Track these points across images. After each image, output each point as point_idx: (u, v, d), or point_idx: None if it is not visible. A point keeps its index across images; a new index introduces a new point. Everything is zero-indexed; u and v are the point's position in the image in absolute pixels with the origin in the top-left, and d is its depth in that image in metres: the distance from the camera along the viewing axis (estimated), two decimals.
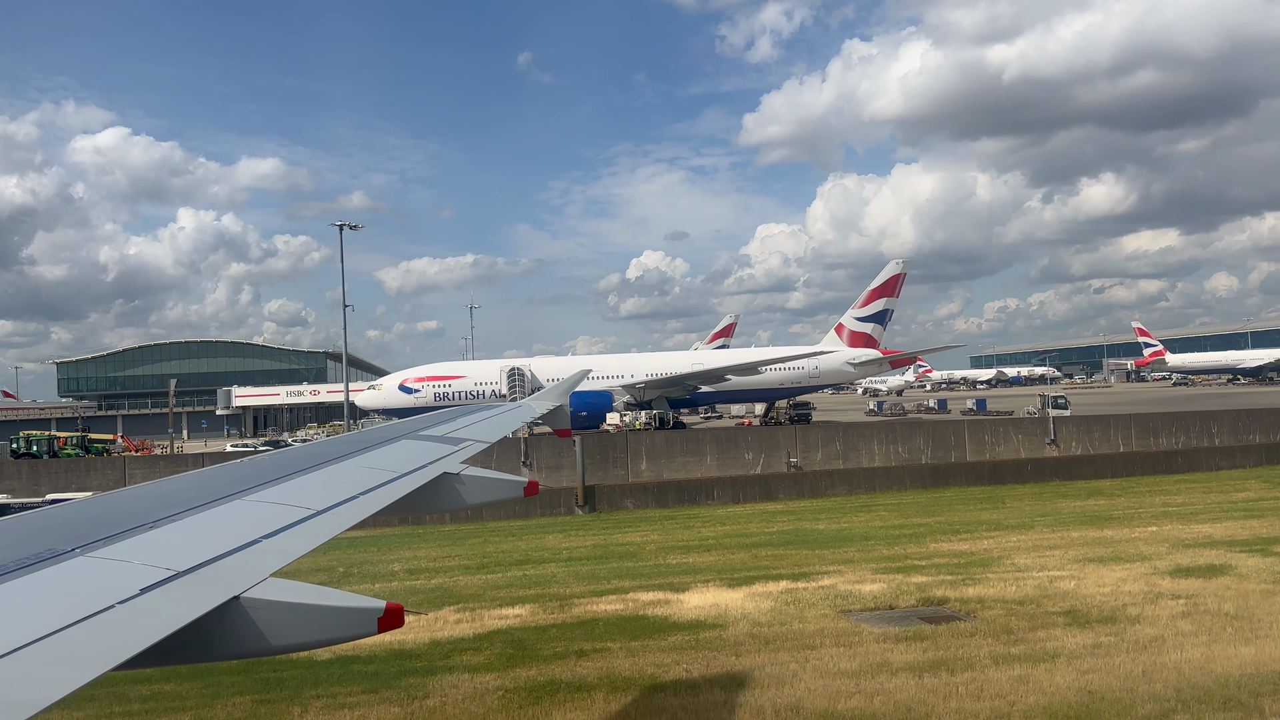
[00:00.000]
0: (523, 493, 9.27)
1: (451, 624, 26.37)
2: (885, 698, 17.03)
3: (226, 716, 18.20)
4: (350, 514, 6.60)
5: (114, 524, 5.41)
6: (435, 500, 8.54)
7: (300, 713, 18.09)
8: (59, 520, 5.82)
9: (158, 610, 4.15)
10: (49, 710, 3.13)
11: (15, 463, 70.81)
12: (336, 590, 4.94)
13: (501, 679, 19.84)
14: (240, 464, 8.61)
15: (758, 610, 25.41)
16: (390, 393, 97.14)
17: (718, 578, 31.05)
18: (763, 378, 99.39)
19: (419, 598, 31.05)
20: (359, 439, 10.46)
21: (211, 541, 5.30)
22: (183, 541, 5.34)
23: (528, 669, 20.59)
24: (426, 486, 8.21)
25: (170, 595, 4.36)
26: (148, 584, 4.39)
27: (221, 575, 4.77)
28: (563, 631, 24.43)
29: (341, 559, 42.67)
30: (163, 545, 5.16)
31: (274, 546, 5.47)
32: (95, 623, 3.84)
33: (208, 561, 4.91)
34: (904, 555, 34.31)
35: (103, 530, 5.22)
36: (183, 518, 5.85)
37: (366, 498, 7.14)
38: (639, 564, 36.49)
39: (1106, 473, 60.11)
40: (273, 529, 5.79)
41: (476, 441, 10.63)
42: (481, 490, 8.86)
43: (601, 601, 28.21)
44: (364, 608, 4.84)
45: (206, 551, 5.06)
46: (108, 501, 6.87)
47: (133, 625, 3.92)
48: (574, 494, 60.98)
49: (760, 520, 49.02)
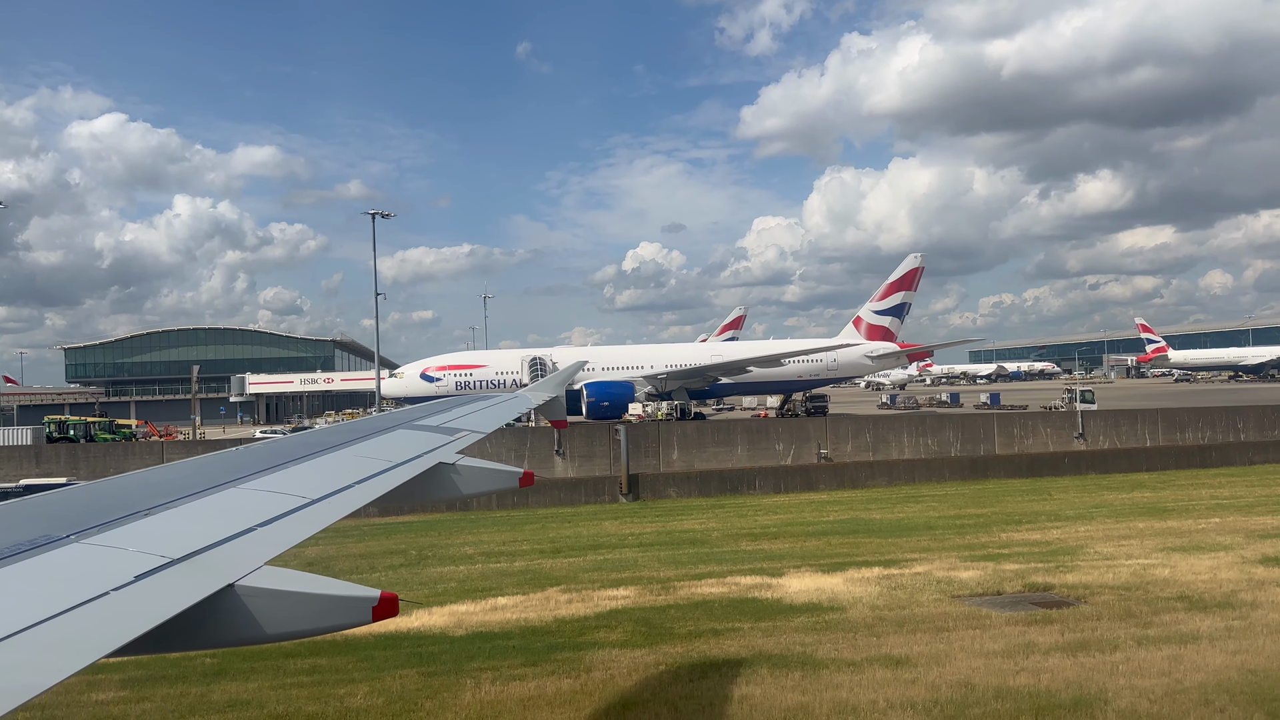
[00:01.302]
0: (518, 483, 9.30)
1: (564, 604, 26.90)
2: (1052, 675, 17.66)
3: (400, 688, 18.69)
4: (345, 503, 6.55)
5: (109, 511, 5.40)
6: (430, 490, 8.51)
7: (473, 685, 18.60)
8: (54, 507, 5.80)
9: (152, 597, 4.14)
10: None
11: (53, 446, 70.87)
12: (331, 579, 4.94)
13: (653, 654, 20.39)
14: (235, 452, 8.63)
15: (866, 595, 26.00)
16: (412, 381, 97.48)
17: (805, 564, 31.63)
18: (782, 370, 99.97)
19: (513, 579, 31.60)
20: (354, 428, 10.48)
21: (206, 529, 5.29)
22: (178, 529, 5.32)
23: (672, 646, 21.14)
24: (422, 476, 8.17)
25: (165, 582, 4.36)
26: (142, 571, 4.38)
27: (216, 563, 4.76)
28: (681, 612, 24.96)
29: (410, 542, 43.26)
30: (158, 532, 5.15)
31: (269, 535, 5.44)
32: (90, 609, 3.83)
33: (203, 549, 4.90)
34: (980, 544, 34.94)
35: (98, 517, 5.20)
36: (178, 505, 5.83)
37: (361, 487, 7.11)
38: (713, 550, 37.07)
39: (1141, 466, 60.99)
40: (268, 517, 5.76)
41: (472, 432, 10.65)
42: (477, 480, 8.83)
43: (701, 585, 28.76)
44: (359, 596, 4.84)
45: (201, 539, 5.05)
46: (103, 488, 6.86)
47: (127, 612, 3.91)
48: (617, 482, 61.64)
49: (811, 510, 49.65)
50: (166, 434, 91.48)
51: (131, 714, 17.63)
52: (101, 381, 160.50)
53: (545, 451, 69.46)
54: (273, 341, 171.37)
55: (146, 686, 19.50)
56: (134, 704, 18.31)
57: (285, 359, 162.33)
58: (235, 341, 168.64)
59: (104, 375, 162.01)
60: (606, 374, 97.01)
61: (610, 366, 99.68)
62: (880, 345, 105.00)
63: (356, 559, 39.55)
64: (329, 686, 19.04)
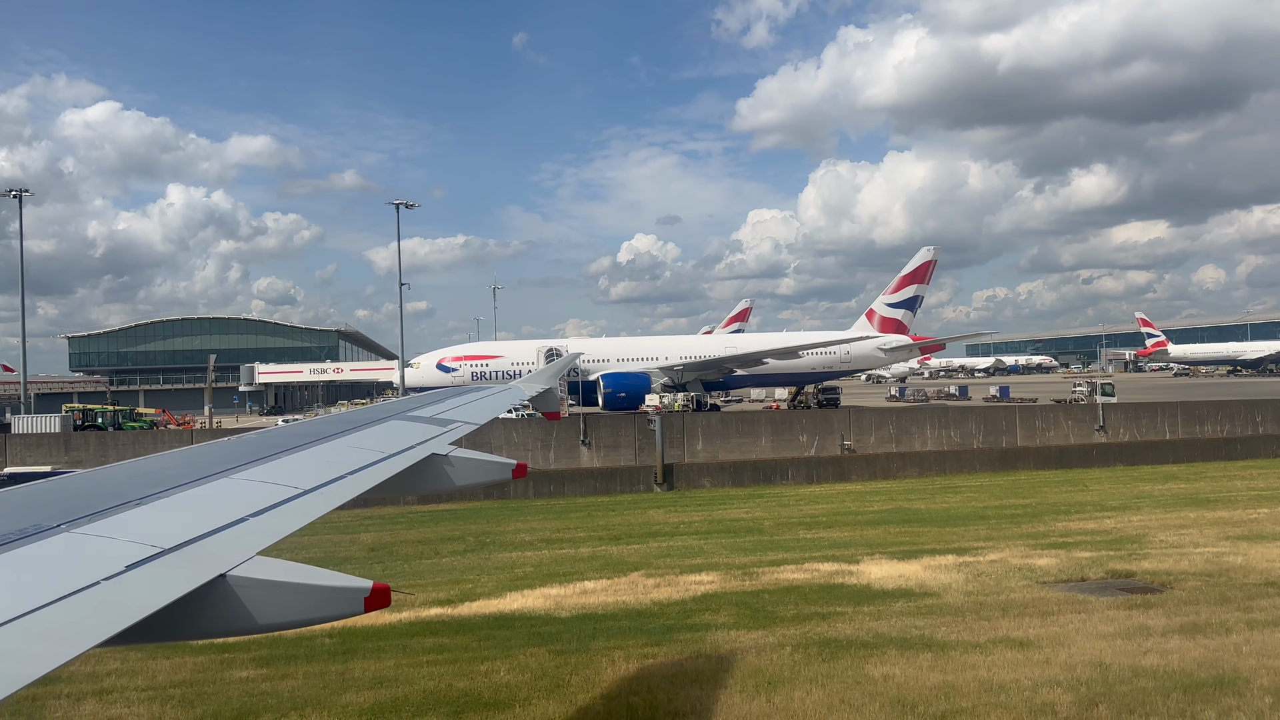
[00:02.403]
0: (511, 475, 9.16)
1: (652, 588, 27.31)
2: (1179, 656, 18.15)
3: (538, 665, 19.08)
4: (338, 493, 6.54)
5: (100, 500, 5.40)
6: (423, 481, 8.48)
7: (609, 663, 19.00)
8: (45, 496, 5.80)
9: (143, 587, 4.13)
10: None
11: (82, 435, 70.91)
12: (323, 569, 4.93)
13: (771, 636, 20.79)
14: (227, 442, 8.64)
15: (953, 581, 26.48)
16: (428, 371, 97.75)
17: (875, 552, 32.11)
18: (797, 362, 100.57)
19: (589, 565, 32.05)
20: (347, 419, 10.44)
21: (198, 519, 5.28)
22: (169, 518, 5.32)
23: (785, 628, 21.56)
24: (414, 467, 8.16)
25: (156, 572, 4.35)
26: (134, 560, 4.37)
27: (208, 553, 4.76)
28: (775, 597, 25.40)
29: (460, 529, 43.71)
30: (149, 522, 5.13)
31: (261, 525, 5.44)
32: (80, 599, 3.82)
33: (194, 539, 4.90)
34: (1039, 534, 35.50)
35: (89, 506, 5.20)
36: (169, 495, 5.81)
37: (354, 477, 7.11)
38: (773, 538, 37.57)
39: (1168, 458, 61.81)
40: (260, 507, 5.75)
41: (465, 423, 10.58)
42: (470, 472, 8.75)
43: (781, 571, 29.19)
44: (351, 587, 4.84)
45: (193, 529, 5.04)
46: (94, 478, 6.83)
47: (118, 602, 3.91)
48: (649, 471, 62.11)
49: (852, 500, 50.20)
50: (185, 423, 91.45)
51: (282, 690, 17.97)
52: (105, 371, 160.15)
53: (571, 442, 69.91)
54: (277, 331, 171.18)
55: (282, 665, 19.86)
56: (279, 681, 18.66)
57: (289, 349, 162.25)
58: (239, 331, 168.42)
59: (108, 364, 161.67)
60: (621, 365, 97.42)
61: (625, 358, 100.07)
62: (893, 338, 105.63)
63: (416, 544, 39.96)
64: (467, 664, 19.41)
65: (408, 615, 24.65)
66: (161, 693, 18.22)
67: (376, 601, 4.84)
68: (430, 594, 27.72)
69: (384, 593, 4.87)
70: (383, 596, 4.86)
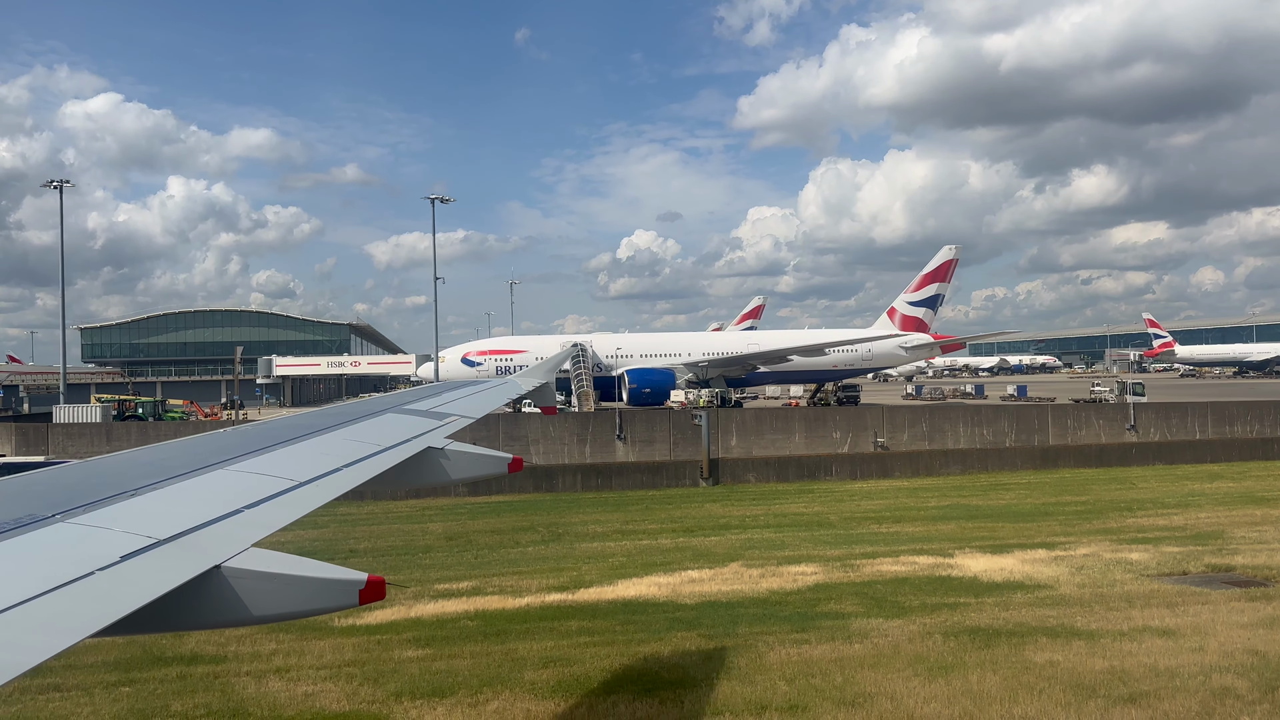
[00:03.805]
0: (507, 469, 9.19)
1: (757, 578, 27.77)
2: None
3: (695, 648, 19.53)
4: (333, 486, 6.58)
5: (96, 491, 5.40)
6: (419, 475, 8.51)
7: (765, 648, 19.47)
8: (40, 486, 5.81)
9: (138, 577, 4.14)
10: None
11: (124, 425, 71.16)
12: (318, 561, 4.93)
13: (911, 624, 21.28)
14: (224, 433, 8.66)
15: (1058, 574, 26.99)
16: (453, 365, 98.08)
17: (963, 546, 32.55)
18: (819, 359, 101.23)
19: (681, 555, 32.49)
20: (344, 411, 10.44)
21: (194, 510, 5.28)
22: (165, 509, 5.31)
23: (922, 617, 22.04)
24: (410, 460, 8.20)
25: (151, 563, 4.35)
26: (129, 551, 4.38)
27: (203, 544, 4.77)
28: (889, 587, 25.89)
29: (527, 520, 44.14)
30: (145, 513, 5.14)
31: (256, 517, 5.45)
32: (75, 589, 3.83)
33: (190, 530, 4.91)
34: (1114, 530, 36.02)
35: (84, 497, 5.19)
36: (165, 486, 5.83)
37: (350, 470, 7.13)
38: (848, 532, 38.05)
39: (1206, 457, 62.51)
40: (255, 499, 5.77)
41: (461, 417, 10.60)
42: (466, 465, 8.82)
43: (878, 563, 29.68)
44: (346, 579, 4.85)
45: (189, 520, 5.05)
46: (90, 468, 6.85)
47: (113, 592, 3.92)
48: (694, 466, 62.62)
49: (907, 496, 50.68)
50: (212, 414, 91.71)
51: (459, 669, 18.42)
52: (116, 362, 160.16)
53: (607, 436, 70.33)
54: (289, 324, 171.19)
55: (441, 645, 20.33)
56: (450, 660, 19.11)
57: (300, 341, 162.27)
58: (250, 324, 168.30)
59: (119, 356, 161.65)
60: (644, 361, 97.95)
61: (648, 354, 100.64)
62: (915, 336, 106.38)
63: (489, 534, 40.38)
64: (623, 645, 19.89)
65: (530, 600, 25.13)
66: (340, 671, 18.65)
67: (371, 594, 4.84)
68: (541, 580, 28.18)
69: (379, 585, 4.89)
70: (378, 589, 4.88)
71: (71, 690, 17.72)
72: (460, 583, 28.29)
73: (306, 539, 40.69)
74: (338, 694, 17.24)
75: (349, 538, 41.19)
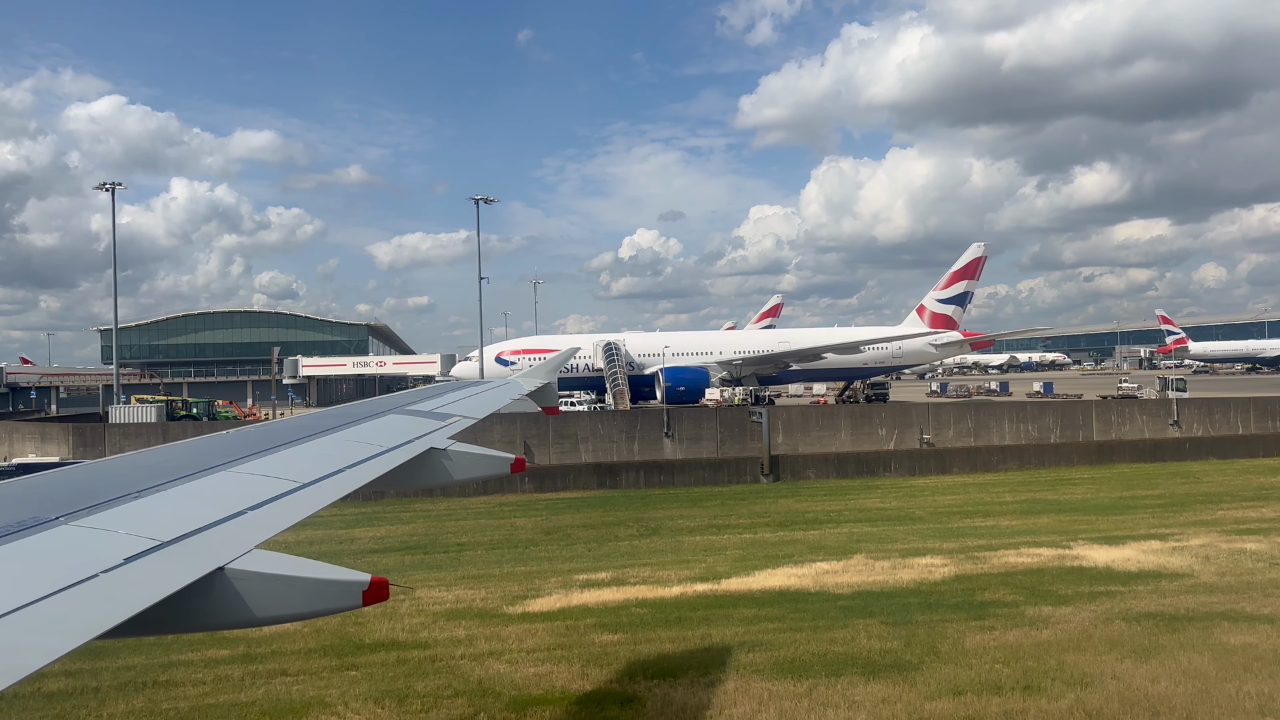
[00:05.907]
0: (509, 469, 9.19)
1: (889, 569, 28.27)
2: None
3: (885, 634, 20.04)
4: (336, 488, 6.56)
5: (99, 493, 5.40)
6: (421, 475, 8.49)
7: (954, 634, 19.96)
8: (44, 488, 5.83)
9: (141, 580, 4.14)
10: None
11: (179, 425, 71.56)
12: (321, 563, 4.92)
13: (1082, 612, 21.77)
14: (226, 435, 8.65)
15: (1188, 564, 27.51)
16: (487, 364, 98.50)
17: (1074, 538, 33.04)
18: (851, 357, 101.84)
19: (796, 548, 32.99)
20: (346, 412, 10.44)
21: (197, 512, 5.29)
22: (168, 511, 5.31)
23: (1090, 605, 22.49)
24: (413, 461, 8.20)
25: (154, 565, 4.35)
26: (132, 553, 4.38)
27: (206, 546, 4.77)
28: (1031, 578, 26.36)
29: (612, 516, 44.58)
30: (148, 515, 5.15)
31: (259, 518, 5.46)
32: (78, 591, 3.83)
33: (192, 532, 4.91)
34: (1212, 521, 36.63)
35: (87, 499, 5.20)
36: (168, 488, 5.83)
37: (352, 471, 7.13)
38: (945, 526, 38.58)
39: (1258, 452, 63.23)
40: (258, 501, 5.77)
41: (464, 417, 10.59)
42: (468, 466, 8.77)
43: (1003, 555, 30.13)
44: (350, 580, 4.84)
45: (191, 522, 5.05)
46: (93, 470, 6.84)
47: (116, 594, 3.92)
48: (755, 463, 63.16)
49: (977, 490, 51.29)
50: (252, 414, 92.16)
51: (669, 653, 18.93)
52: (136, 364, 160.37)
53: (655, 434, 70.76)
54: (307, 325, 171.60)
55: (637, 630, 20.81)
56: (653, 645, 19.59)
57: (319, 342, 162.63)
58: (268, 325, 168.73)
59: (139, 357, 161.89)
60: (676, 360, 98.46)
61: (681, 352, 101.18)
62: (945, 334, 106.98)
63: (583, 529, 40.89)
64: (812, 631, 20.38)
65: (681, 590, 25.60)
66: (551, 654, 19.13)
67: (375, 595, 4.83)
68: (676, 572, 28.65)
69: (382, 586, 4.87)
70: (381, 590, 4.86)
71: (348, 670, 18.19)
72: (599, 573, 28.78)
73: (397, 536, 41.26)
74: (568, 675, 17.71)
75: (443, 533, 41.55)
